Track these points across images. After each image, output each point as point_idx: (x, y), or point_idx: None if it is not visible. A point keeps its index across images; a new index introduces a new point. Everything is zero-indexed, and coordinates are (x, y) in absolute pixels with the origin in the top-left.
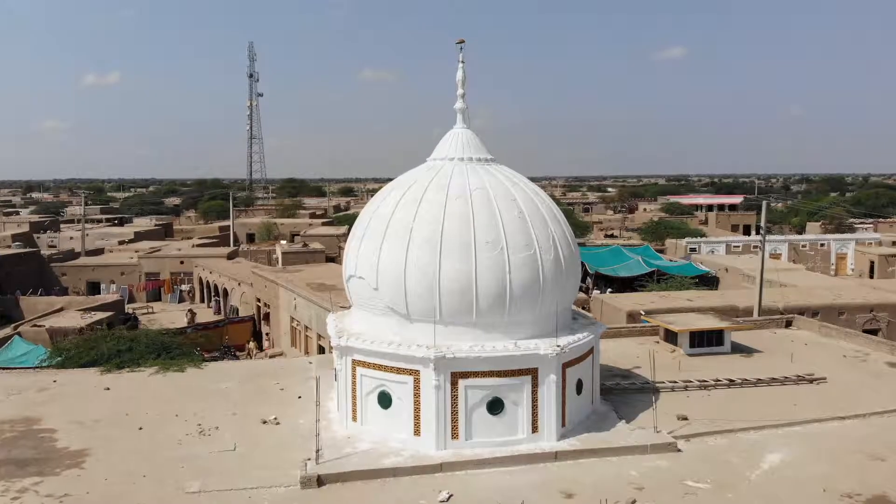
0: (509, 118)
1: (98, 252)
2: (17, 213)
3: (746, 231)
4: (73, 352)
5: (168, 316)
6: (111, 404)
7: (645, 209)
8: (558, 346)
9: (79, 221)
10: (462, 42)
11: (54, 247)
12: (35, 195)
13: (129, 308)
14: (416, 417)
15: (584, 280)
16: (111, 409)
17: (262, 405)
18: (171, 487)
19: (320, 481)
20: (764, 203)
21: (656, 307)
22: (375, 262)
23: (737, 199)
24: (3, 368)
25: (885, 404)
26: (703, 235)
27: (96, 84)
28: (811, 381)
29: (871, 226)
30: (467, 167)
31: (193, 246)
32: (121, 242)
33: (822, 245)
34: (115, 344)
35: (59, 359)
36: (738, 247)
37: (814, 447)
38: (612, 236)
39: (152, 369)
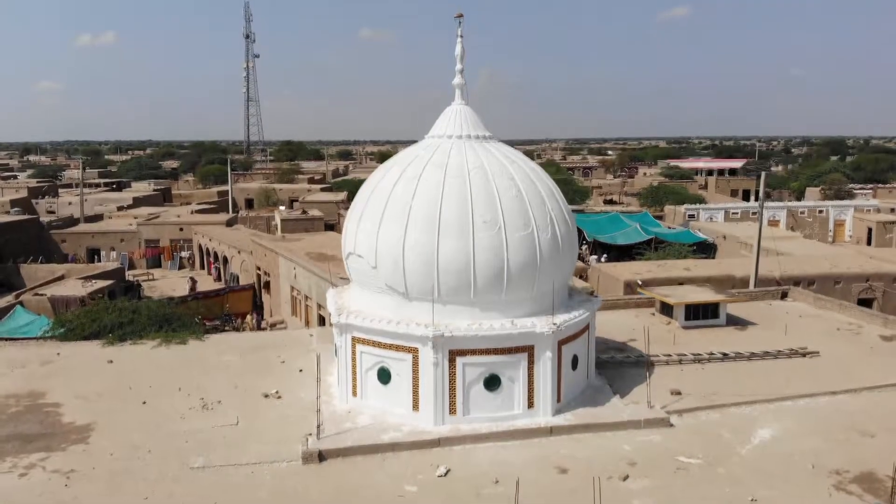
0: (509, 78)
1: (97, 218)
2: (15, 177)
3: (746, 196)
4: (75, 323)
5: (168, 283)
6: (115, 378)
7: (645, 173)
8: (555, 324)
9: (77, 186)
10: (461, 16)
11: (53, 212)
12: (32, 158)
13: (129, 275)
14: (415, 393)
15: (580, 245)
16: (115, 383)
17: (264, 378)
18: (175, 462)
19: (321, 456)
20: (762, 174)
21: (653, 276)
22: (374, 240)
23: (737, 164)
24: (6, 339)
25: (877, 379)
26: (702, 201)
27: (91, 44)
28: (804, 355)
29: (871, 191)
30: (465, 145)
31: (192, 212)
32: (119, 208)
33: (820, 212)
34: (118, 316)
35: (62, 330)
36: (737, 213)
37: (804, 422)
38: (611, 202)
39: (155, 342)
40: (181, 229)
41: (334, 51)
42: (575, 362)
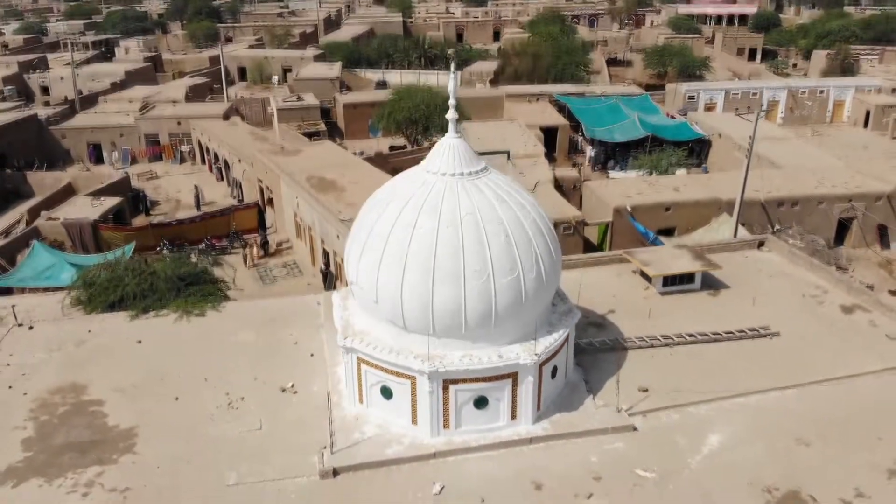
0: None
1: (92, 101)
2: (1, 33)
3: (752, 55)
4: (98, 288)
5: (172, 183)
6: (145, 364)
7: (652, 22)
8: (536, 354)
9: (65, 47)
10: (453, 52)
11: (46, 87)
12: None
13: (132, 174)
14: (414, 410)
15: (578, 133)
16: (146, 371)
17: (279, 366)
18: (212, 477)
19: (335, 472)
20: (756, 116)
21: (643, 202)
22: (374, 279)
23: (748, 9)
24: (32, 289)
25: (827, 369)
26: (705, 64)
27: None
28: (765, 336)
29: (878, 55)
30: (458, 185)
31: (186, 91)
32: (113, 84)
33: (821, 92)
34: (138, 283)
35: (88, 289)
36: (737, 94)
37: (752, 425)
38: (614, 61)
39: (176, 313)
40: (179, 123)
41: None
42: (554, 372)
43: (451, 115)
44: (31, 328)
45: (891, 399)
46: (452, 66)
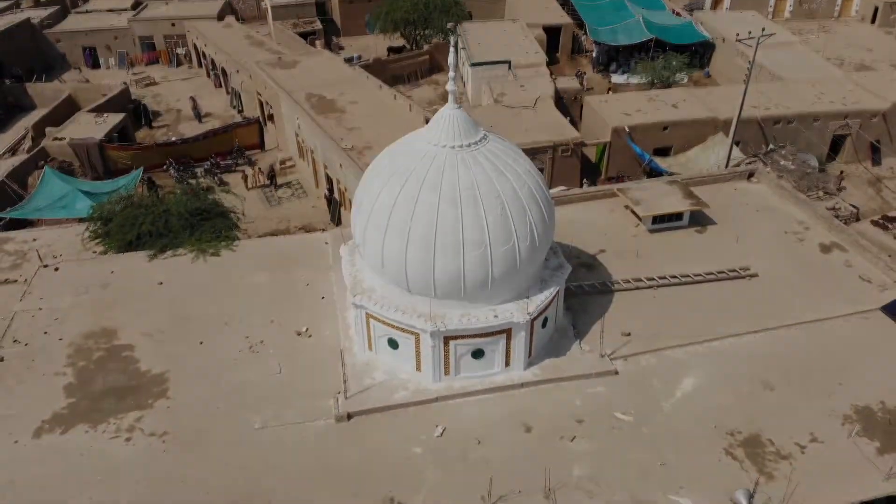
0: None
1: None
2: None
3: None
4: (115, 228)
5: (171, 90)
6: (169, 307)
7: None
8: (529, 313)
9: None
10: (454, 25)
11: None
12: None
13: (131, 79)
14: (418, 359)
15: (582, 28)
16: (170, 314)
17: (293, 309)
18: (240, 422)
19: (349, 416)
20: (756, 41)
21: (642, 121)
22: (380, 249)
23: None
24: (50, 220)
25: (798, 312)
26: None
27: None
28: (744, 277)
29: None
30: (457, 158)
31: None
32: None
33: None
34: (152, 222)
35: (104, 224)
36: None
37: (723, 370)
38: None
39: (192, 254)
40: (173, 24)
41: None
42: (545, 323)
43: (450, 86)
44: (56, 269)
45: (855, 344)
46: (452, 41)
